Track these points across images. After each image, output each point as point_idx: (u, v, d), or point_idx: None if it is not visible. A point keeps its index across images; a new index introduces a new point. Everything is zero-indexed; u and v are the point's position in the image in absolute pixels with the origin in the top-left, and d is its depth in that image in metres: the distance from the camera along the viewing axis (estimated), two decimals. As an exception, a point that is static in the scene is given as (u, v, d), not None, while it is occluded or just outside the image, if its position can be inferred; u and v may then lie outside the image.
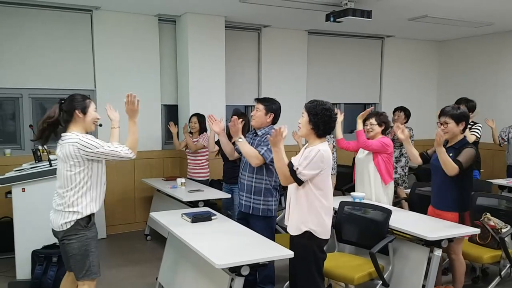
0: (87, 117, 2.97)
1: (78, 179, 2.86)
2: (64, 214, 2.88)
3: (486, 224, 3.91)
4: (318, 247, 2.93)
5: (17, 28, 5.34)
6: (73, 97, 2.98)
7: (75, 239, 2.88)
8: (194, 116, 5.57)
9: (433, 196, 3.75)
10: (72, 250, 2.89)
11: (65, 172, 2.86)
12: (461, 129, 3.58)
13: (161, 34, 6.12)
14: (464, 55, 7.88)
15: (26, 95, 5.46)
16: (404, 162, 5.97)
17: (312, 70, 7.26)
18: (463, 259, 3.68)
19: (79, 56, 5.69)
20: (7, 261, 4.56)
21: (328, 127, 2.89)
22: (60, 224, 2.88)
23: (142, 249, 5.38)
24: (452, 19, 6.17)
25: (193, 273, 3.34)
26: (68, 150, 2.82)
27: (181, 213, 3.69)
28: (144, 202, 6.09)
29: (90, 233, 2.94)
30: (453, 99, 7.64)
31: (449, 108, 3.62)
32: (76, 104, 2.93)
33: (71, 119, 2.92)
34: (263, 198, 3.65)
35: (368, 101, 7.93)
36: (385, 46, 7.86)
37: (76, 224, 2.87)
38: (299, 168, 2.83)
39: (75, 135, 2.86)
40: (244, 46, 6.72)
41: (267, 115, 3.66)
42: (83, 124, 2.95)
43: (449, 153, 3.56)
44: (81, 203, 2.88)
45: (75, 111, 2.91)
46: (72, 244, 2.88)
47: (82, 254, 2.90)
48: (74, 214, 2.87)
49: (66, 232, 2.88)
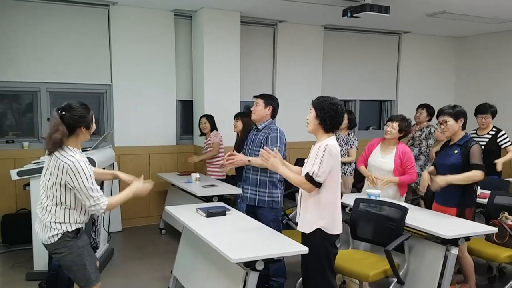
0: (90, 132, 2.76)
1: (64, 198, 2.65)
2: (50, 227, 2.67)
3: (504, 223, 3.85)
4: (329, 242, 2.96)
5: (36, 23, 5.40)
6: (76, 111, 2.66)
7: (65, 251, 2.70)
8: (202, 117, 5.64)
9: (437, 192, 3.79)
10: (66, 262, 2.74)
11: (51, 185, 2.65)
12: (461, 126, 3.65)
13: (177, 29, 6.14)
14: (483, 51, 7.74)
15: (44, 89, 5.53)
16: (424, 161, 5.81)
17: (327, 66, 7.21)
18: (469, 256, 3.69)
19: (96, 51, 5.74)
20: (25, 252, 4.65)
21: (335, 121, 2.92)
22: (48, 237, 2.68)
23: (157, 242, 5.43)
24: (470, 15, 6.07)
25: (208, 267, 3.36)
26: (58, 166, 2.59)
27: (196, 207, 3.72)
28: (158, 197, 6.14)
29: (80, 242, 2.76)
30: (471, 96, 7.58)
31: (446, 107, 3.73)
32: (81, 120, 2.66)
33: (72, 134, 2.66)
34: (268, 190, 3.75)
35: (384, 98, 7.87)
36: (402, 42, 7.76)
37: (64, 236, 2.69)
38: (314, 170, 2.83)
39: (70, 153, 2.62)
40: (259, 41, 6.70)
41: (266, 107, 3.81)
42: (83, 138, 2.73)
43: (454, 150, 3.62)
44: (69, 218, 2.69)
45: (81, 128, 2.68)
46: (65, 257, 2.71)
47: (78, 265, 2.73)
48: (62, 227, 2.67)
49: (55, 245, 2.69)
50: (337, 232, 2.97)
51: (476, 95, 7.36)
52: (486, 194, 4.23)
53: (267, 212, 3.76)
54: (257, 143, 3.76)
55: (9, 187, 5.25)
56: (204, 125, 5.59)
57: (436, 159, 3.80)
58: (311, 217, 2.92)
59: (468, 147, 3.56)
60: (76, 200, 2.68)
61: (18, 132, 5.63)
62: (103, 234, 4.76)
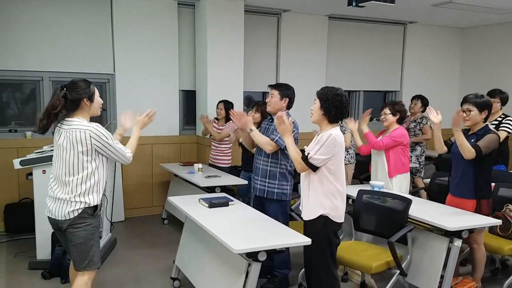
0: (94, 104, 2.86)
1: (88, 168, 2.74)
2: (71, 202, 2.74)
3: (507, 216, 3.83)
4: (332, 231, 2.97)
5: (38, 12, 5.37)
6: (77, 84, 2.78)
7: (81, 227, 2.75)
8: (221, 102, 5.53)
9: (453, 184, 3.70)
10: (77, 239, 2.76)
11: (73, 159, 2.72)
12: (483, 118, 3.52)
13: (180, 18, 6.09)
14: (488, 42, 7.67)
15: (46, 78, 5.51)
16: (420, 152, 5.84)
17: (332, 56, 7.16)
18: (484, 249, 3.64)
19: (99, 40, 5.71)
20: (28, 241, 4.66)
21: (340, 112, 2.92)
22: (67, 213, 2.73)
23: (160, 232, 5.44)
24: (476, 5, 6.00)
25: (210, 258, 3.36)
26: (78, 136, 2.70)
27: (198, 198, 3.71)
28: (161, 187, 6.14)
29: (96, 222, 2.83)
30: (476, 87, 7.51)
31: (472, 95, 3.55)
32: (82, 92, 2.77)
33: (77, 107, 2.78)
34: (277, 182, 3.70)
35: (389, 89, 7.82)
36: (408, 32, 7.69)
37: (83, 212, 2.75)
38: (311, 153, 2.86)
39: (86, 122, 2.77)
40: (263, 31, 6.65)
41: (282, 99, 3.72)
42: (89, 111, 2.85)
43: (471, 139, 3.51)
44: (90, 192, 2.77)
45: (83, 100, 2.78)
46: (78, 233, 2.75)
47: (86, 243, 2.77)
48: (82, 203, 2.74)
49: (73, 220, 2.74)
50: (340, 221, 2.98)
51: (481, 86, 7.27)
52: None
53: (275, 205, 3.72)
54: (270, 133, 3.70)
55: (12, 177, 5.26)
56: (220, 111, 5.49)
57: (453, 148, 3.65)
58: (314, 204, 2.94)
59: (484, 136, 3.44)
60: (99, 167, 2.81)
61: (21, 121, 5.63)
62: (106, 224, 4.77)
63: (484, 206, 3.53)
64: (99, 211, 2.87)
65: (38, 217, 4.12)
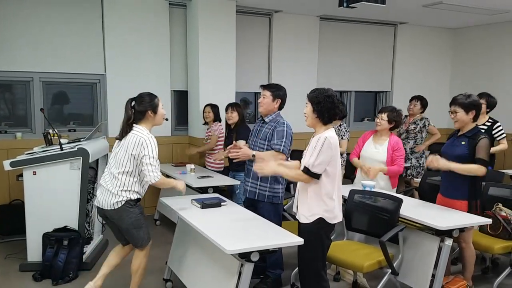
0: (157, 115, 3.28)
1: (134, 167, 3.18)
2: (116, 195, 3.19)
3: (497, 215, 3.87)
4: (325, 233, 2.97)
5: (29, 12, 5.32)
6: (143, 98, 3.25)
7: (126, 215, 3.22)
8: (207, 106, 5.56)
9: (443, 185, 3.73)
10: (126, 225, 3.25)
11: (124, 158, 3.17)
12: (471, 118, 3.54)
13: (172, 18, 6.07)
14: (479, 43, 7.74)
15: (37, 79, 5.47)
16: (420, 153, 5.83)
17: (323, 56, 7.18)
18: (473, 248, 3.67)
19: (89, 41, 5.67)
20: (19, 243, 4.62)
21: (333, 113, 2.92)
22: (112, 203, 3.20)
23: (152, 233, 5.30)
24: (467, 6, 6.04)
25: (203, 258, 3.35)
26: (134, 140, 3.15)
27: (191, 199, 3.70)
28: (153, 188, 6.07)
29: (138, 210, 3.29)
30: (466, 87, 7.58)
31: (460, 96, 3.58)
32: (147, 105, 3.22)
33: (143, 118, 3.24)
34: (269, 185, 3.69)
35: (380, 89, 7.86)
36: (398, 33, 7.74)
37: (126, 203, 3.20)
38: (311, 160, 2.85)
39: (146, 132, 3.20)
40: (255, 31, 6.66)
41: (275, 101, 3.71)
42: (153, 121, 3.29)
43: (461, 141, 3.54)
44: (133, 188, 3.22)
45: (148, 112, 3.22)
46: (125, 220, 3.23)
47: (136, 227, 3.27)
48: (126, 194, 3.20)
49: (117, 210, 3.21)
50: (337, 221, 2.99)
51: (472, 87, 7.36)
52: (480, 185, 4.25)
53: (267, 207, 3.71)
54: (263, 136, 3.70)
55: (2, 178, 5.22)
56: (208, 114, 5.53)
57: (443, 148, 3.70)
58: (311, 207, 2.93)
59: (477, 140, 3.46)
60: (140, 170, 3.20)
61: (11, 122, 5.58)
62: (97, 225, 4.75)
63: (473, 207, 3.56)
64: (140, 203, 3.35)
65: (29, 219, 4.09)
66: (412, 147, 5.77)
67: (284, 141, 3.59)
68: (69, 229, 4.13)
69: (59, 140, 4.25)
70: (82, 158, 4.10)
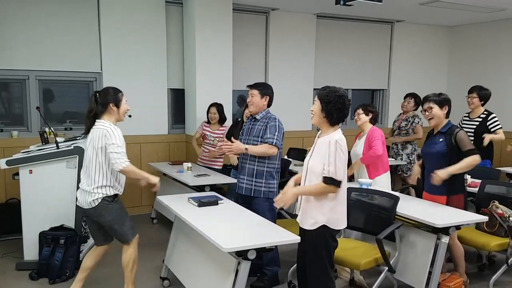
0: (120, 109, 3.29)
1: (103, 161, 3.17)
2: (92, 193, 3.19)
3: (494, 212, 3.88)
4: (330, 236, 2.87)
5: (25, 10, 5.30)
6: (107, 91, 3.27)
7: (105, 212, 3.21)
8: (213, 106, 5.49)
9: (426, 182, 3.79)
10: (107, 222, 3.24)
11: (92, 154, 3.18)
12: (445, 113, 3.66)
13: (168, 16, 6.06)
14: (475, 41, 7.76)
15: (33, 77, 5.45)
16: (411, 150, 5.85)
17: (320, 54, 7.19)
18: (459, 243, 3.72)
19: (86, 39, 5.66)
20: (15, 242, 4.61)
21: (342, 114, 2.79)
22: (89, 202, 3.20)
23: (149, 232, 5.41)
24: (463, 4, 6.06)
25: (200, 257, 3.35)
26: (98, 133, 3.15)
27: (187, 197, 3.70)
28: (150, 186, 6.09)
29: (118, 205, 3.29)
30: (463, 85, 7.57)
31: (431, 94, 3.75)
32: (109, 98, 3.23)
33: (105, 110, 3.24)
34: (264, 180, 3.74)
35: (377, 87, 7.87)
36: (395, 31, 7.75)
37: (103, 200, 3.20)
38: (331, 168, 2.71)
39: (108, 124, 3.20)
40: (251, 29, 6.65)
41: (263, 98, 3.79)
42: (116, 116, 3.29)
43: (439, 138, 3.63)
44: (108, 183, 3.21)
45: (109, 104, 3.23)
46: (105, 217, 3.22)
47: (117, 223, 3.26)
48: (100, 194, 3.19)
49: (96, 208, 3.20)
50: (341, 227, 2.89)
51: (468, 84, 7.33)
52: (477, 183, 4.26)
53: (263, 202, 3.75)
54: (256, 133, 3.75)
55: (-2, 177, 5.21)
56: (214, 115, 5.44)
57: (422, 149, 3.83)
58: (314, 213, 2.83)
59: (453, 134, 3.56)
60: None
61: (7, 121, 5.56)
62: (94, 224, 4.74)
63: (456, 202, 3.60)
64: (118, 198, 3.35)
65: (25, 218, 4.07)
66: (403, 143, 5.82)
67: (276, 135, 3.65)
68: (65, 227, 4.13)
69: (55, 139, 4.24)
70: (78, 157, 4.10)
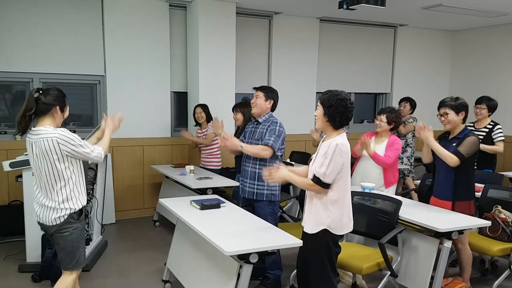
0: (64, 115, 2.91)
1: (66, 174, 2.80)
2: (56, 209, 2.82)
3: (496, 217, 3.87)
4: (332, 241, 2.87)
5: (29, 12, 5.33)
6: (54, 91, 2.84)
7: (68, 231, 2.85)
8: (198, 107, 5.58)
9: (435, 186, 3.76)
10: (65, 242, 2.87)
11: (49, 168, 2.77)
12: (462, 119, 3.58)
13: (172, 20, 6.08)
14: (478, 45, 7.75)
15: (36, 80, 5.47)
16: (410, 153, 5.93)
17: (323, 58, 7.19)
18: (469, 249, 3.68)
19: (89, 41, 5.68)
20: (18, 244, 4.63)
21: (345, 117, 2.79)
22: (54, 219, 2.83)
23: (151, 234, 5.42)
24: (466, 9, 6.06)
25: (202, 260, 3.35)
26: (47, 145, 2.72)
27: (190, 200, 3.70)
28: (153, 189, 6.12)
29: (81, 225, 2.94)
30: (466, 89, 7.60)
31: (447, 99, 3.64)
32: (57, 99, 2.83)
33: (47, 113, 2.79)
34: (266, 184, 3.67)
35: (380, 91, 7.87)
36: (398, 35, 7.75)
37: (69, 217, 2.84)
38: (322, 170, 2.74)
39: (51, 129, 2.76)
40: (254, 33, 6.66)
41: (267, 101, 3.78)
42: (58, 121, 2.87)
43: (453, 143, 3.59)
44: (73, 197, 2.85)
45: (56, 106, 2.81)
46: (67, 237, 2.86)
47: (74, 245, 2.89)
48: (67, 209, 2.83)
49: (60, 225, 2.84)
50: (344, 232, 2.90)
51: (471, 89, 7.38)
52: (480, 187, 4.24)
53: (265, 205, 3.75)
54: (258, 136, 3.75)
55: (1, 179, 5.22)
56: (200, 114, 5.54)
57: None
58: (317, 217, 2.83)
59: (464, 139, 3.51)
60: (75, 170, 2.85)
61: (11, 123, 5.57)
62: (97, 226, 4.74)
63: (465, 208, 3.56)
64: (84, 215, 2.98)
65: (28, 220, 4.08)
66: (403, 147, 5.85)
67: (274, 137, 3.64)
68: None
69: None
70: (81, 159, 4.10)
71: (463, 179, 3.55)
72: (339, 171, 2.75)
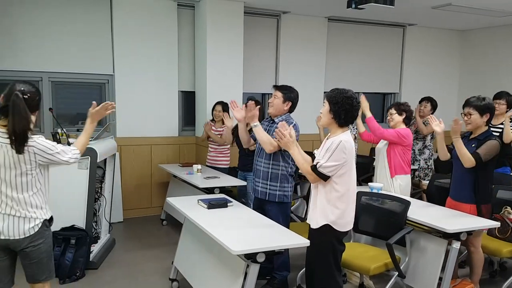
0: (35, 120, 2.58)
1: (39, 183, 2.56)
2: (29, 219, 2.54)
3: (506, 218, 3.84)
4: (336, 239, 2.88)
5: (38, 12, 5.37)
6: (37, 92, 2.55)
7: (42, 241, 2.60)
8: (218, 104, 5.51)
9: (452, 187, 3.70)
10: (40, 254, 2.60)
11: (20, 178, 2.48)
12: (485, 121, 3.49)
13: (180, 19, 6.09)
14: (487, 45, 7.69)
15: (46, 78, 5.51)
16: (428, 155, 5.77)
17: (331, 58, 7.17)
18: (482, 252, 3.64)
19: (98, 41, 5.71)
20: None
21: (350, 115, 2.81)
22: (27, 229, 2.54)
23: (158, 233, 5.44)
24: (476, 8, 6.01)
25: (209, 259, 3.36)
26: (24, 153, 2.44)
27: (197, 199, 3.71)
28: (160, 188, 6.14)
29: (50, 232, 2.69)
30: (475, 89, 7.52)
31: (473, 98, 3.52)
32: (39, 102, 2.57)
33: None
34: (279, 184, 3.66)
35: (388, 91, 7.83)
36: (407, 34, 7.70)
37: (43, 225, 2.59)
38: (320, 161, 2.77)
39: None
40: (262, 32, 6.66)
41: (285, 103, 3.67)
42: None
43: (472, 144, 3.50)
44: (44, 202, 2.61)
45: (36, 111, 2.57)
46: (40, 248, 2.59)
47: (49, 255, 2.67)
48: (41, 214, 2.59)
49: (33, 236, 2.56)
50: (345, 230, 2.90)
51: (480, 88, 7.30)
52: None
53: (277, 206, 3.69)
54: (271, 135, 3.63)
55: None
56: (218, 113, 5.44)
57: (453, 151, 3.63)
58: (321, 212, 2.85)
59: (485, 141, 3.43)
60: (45, 177, 2.61)
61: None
62: (105, 225, 4.77)
63: (483, 211, 3.52)
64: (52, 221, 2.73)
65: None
66: (420, 149, 5.75)
67: (294, 124, 3.51)
68: (76, 228, 4.16)
69: (68, 140, 4.26)
70: (90, 158, 4.12)
71: (481, 181, 3.48)
72: (339, 167, 2.76)
